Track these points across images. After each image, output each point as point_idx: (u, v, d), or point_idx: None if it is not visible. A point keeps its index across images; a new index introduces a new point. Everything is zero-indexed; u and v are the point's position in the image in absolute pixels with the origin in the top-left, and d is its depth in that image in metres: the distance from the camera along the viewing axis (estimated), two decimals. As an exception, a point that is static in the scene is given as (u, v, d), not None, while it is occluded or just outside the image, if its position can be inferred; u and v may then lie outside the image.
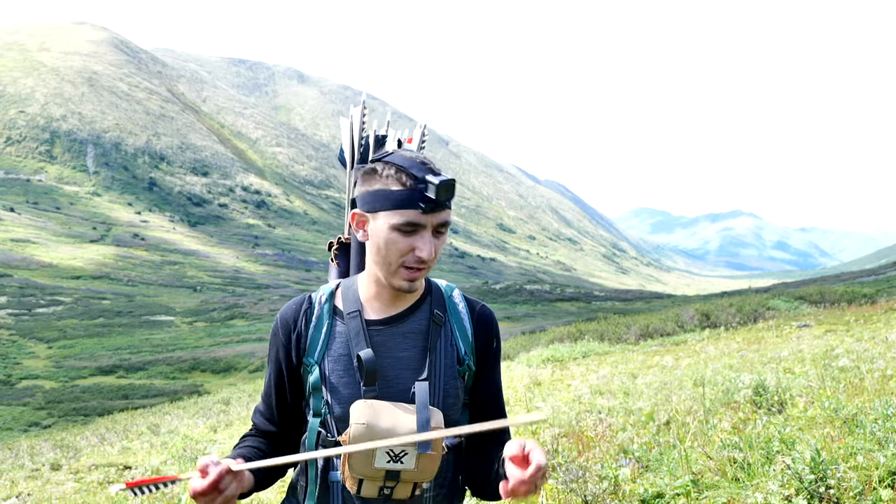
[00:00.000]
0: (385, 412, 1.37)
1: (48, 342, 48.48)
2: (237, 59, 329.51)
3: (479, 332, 1.55)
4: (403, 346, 1.47)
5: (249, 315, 62.48)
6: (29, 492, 9.14)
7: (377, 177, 1.40)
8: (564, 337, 20.73)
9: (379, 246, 1.41)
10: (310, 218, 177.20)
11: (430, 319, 1.50)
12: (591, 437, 4.99)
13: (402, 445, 1.35)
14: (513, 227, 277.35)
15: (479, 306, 1.58)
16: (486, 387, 1.57)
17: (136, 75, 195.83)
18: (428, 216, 1.37)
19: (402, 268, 1.41)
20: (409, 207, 1.36)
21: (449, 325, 1.52)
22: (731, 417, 5.12)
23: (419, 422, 1.37)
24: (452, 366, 1.49)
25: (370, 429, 1.35)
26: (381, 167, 1.40)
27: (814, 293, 22.29)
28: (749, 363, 8.06)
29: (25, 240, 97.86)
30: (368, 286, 1.51)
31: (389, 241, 1.39)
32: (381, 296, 1.49)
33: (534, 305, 71.74)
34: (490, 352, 1.57)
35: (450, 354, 1.49)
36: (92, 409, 29.13)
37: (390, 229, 1.38)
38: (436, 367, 1.47)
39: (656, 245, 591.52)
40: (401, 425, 1.36)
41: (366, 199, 1.42)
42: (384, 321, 1.49)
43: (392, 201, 1.37)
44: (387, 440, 1.29)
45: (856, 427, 3.80)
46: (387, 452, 1.35)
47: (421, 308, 1.51)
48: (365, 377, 1.40)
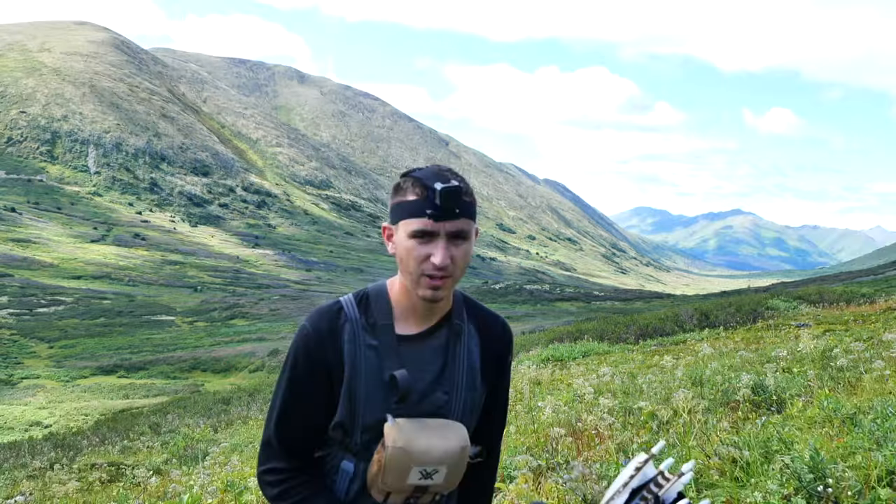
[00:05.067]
0: (418, 434, 1.40)
1: (49, 342, 48.47)
2: (237, 60, 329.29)
3: (489, 348, 1.58)
4: (431, 361, 1.49)
5: (250, 315, 62.49)
6: (31, 491, 9.15)
7: (401, 190, 1.45)
8: (564, 336, 20.74)
9: (401, 256, 1.43)
10: (310, 218, 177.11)
11: (450, 332, 1.52)
12: (591, 437, 5.01)
13: (435, 465, 1.40)
14: (513, 226, 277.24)
15: (488, 318, 1.61)
16: (493, 399, 1.62)
17: (137, 76, 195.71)
18: (439, 224, 1.39)
19: (423, 276, 1.41)
20: (419, 216, 1.39)
21: (466, 336, 1.54)
22: (731, 417, 5.14)
23: (450, 440, 1.42)
24: (471, 377, 1.52)
25: (406, 452, 1.38)
26: (404, 181, 1.45)
27: (813, 293, 22.30)
28: (748, 363, 8.07)
29: (26, 240, 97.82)
30: (400, 298, 1.51)
31: (408, 250, 1.41)
32: (414, 309, 1.50)
33: (534, 305, 71.73)
34: (500, 371, 1.61)
35: (470, 366, 1.53)
36: (93, 408, 29.14)
37: (408, 237, 1.41)
38: (455, 380, 1.50)
39: (655, 245, 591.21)
40: (434, 447, 1.40)
41: (392, 211, 1.47)
42: (417, 336, 1.50)
43: (407, 211, 1.41)
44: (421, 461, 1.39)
45: (854, 426, 3.82)
46: (420, 471, 1.39)
47: (448, 322, 1.53)
48: (399, 396, 1.43)
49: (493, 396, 1.60)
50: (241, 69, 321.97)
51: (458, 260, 1.41)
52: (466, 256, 1.43)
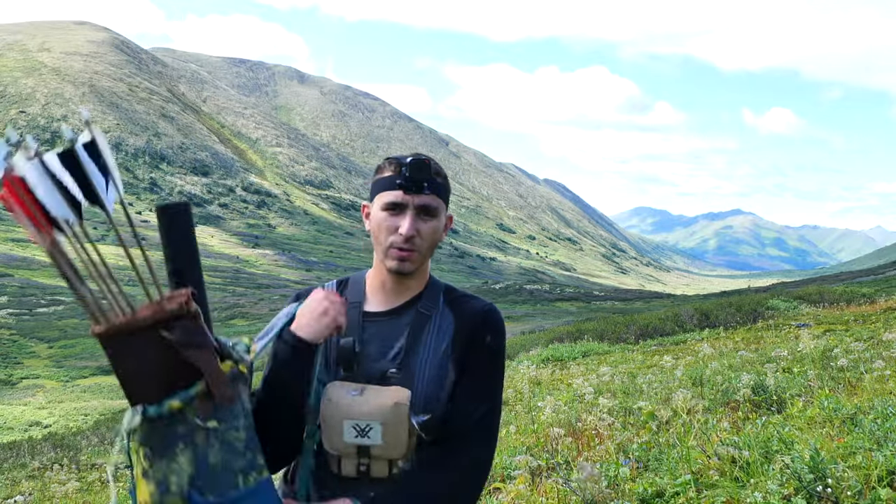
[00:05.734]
0: (352, 391, 1.45)
1: (49, 342, 48.49)
2: (237, 60, 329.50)
3: (462, 328, 1.55)
4: (394, 337, 1.53)
5: (250, 315, 62.50)
6: (30, 491, 9.16)
7: (379, 169, 1.55)
8: (564, 336, 20.76)
9: (374, 229, 1.53)
10: (310, 218, 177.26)
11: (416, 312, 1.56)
12: (591, 437, 5.01)
13: (367, 419, 1.42)
14: (512, 226, 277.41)
15: (469, 302, 1.59)
16: (461, 389, 1.51)
17: (137, 76, 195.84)
18: (409, 196, 1.48)
19: (391, 248, 1.49)
20: (391, 189, 1.49)
21: (437, 319, 1.56)
22: (731, 417, 5.15)
23: (383, 397, 1.43)
24: (437, 357, 1.52)
25: (334, 404, 1.43)
26: (383, 161, 1.55)
27: (813, 293, 22.33)
28: (748, 363, 8.08)
29: (26, 240, 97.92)
30: (374, 277, 1.59)
31: (380, 221, 1.50)
32: (384, 287, 1.57)
33: (534, 305, 71.78)
34: (474, 350, 1.53)
35: (437, 348, 1.53)
36: (92, 408, 29.15)
37: (380, 209, 1.51)
38: (419, 354, 1.51)
39: (655, 245, 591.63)
40: (365, 402, 1.43)
41: (371, 189, 1.57)
42: (383, 313, 1.56)
43: (381, 185, 1.52)
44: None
45: (854, 426, 3.82)
46: (353, 427, 1.43)
47: (419, 302, 1.57)
48: (343, 364, 1.49)
49: (460, 375, 1.52)
50: (241, 69, 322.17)
51: (425, 234, 1.49)
52: (434, 234, 1.51)
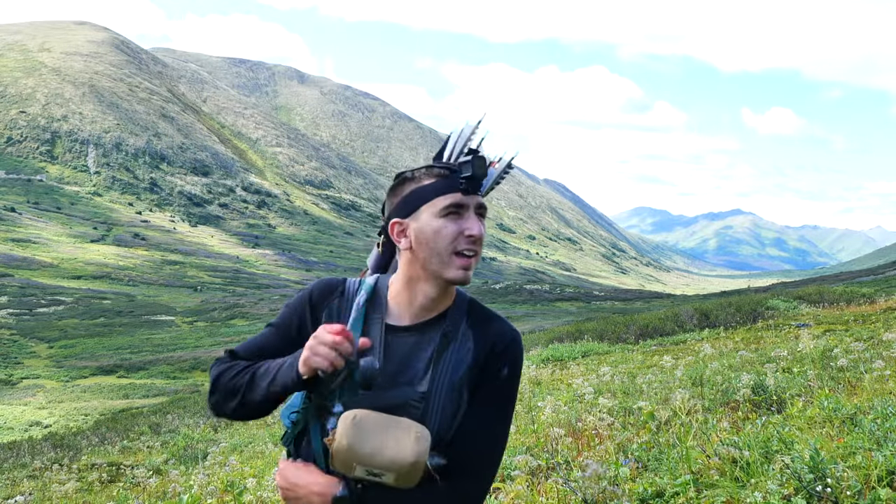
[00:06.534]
0: (370, 434, 1.33)
1: (49, 342, 48.50)
2: (237, 59, 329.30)
3: (481, 355, 1.46)
4: (416, 357, 1.45)
5: (250, 315, 62.45)
6: (30, 491, 9.15)
7: (409, 182, 1.44)
8: (564, 336, 20.75)
9: (427, 241, 1.40)
10: (310, 218, 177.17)
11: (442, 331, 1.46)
12: (590, 437, 5.01)
13: (382, 469, 1.33)
14: (512, 226, 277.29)
15: (492, 326, 1.49)
16: (469, 415, 1.44)
17: (137, 76, 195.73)
18: (468, 198, 1.40)
19: (454, 256, 1.40)
20: (450, 191, 1.40)
21: (458, 343, 1.46)
22: (731, 417, 5.15)
23: (403, 449, 1.32)
24: (454, 381, 1.43)
25: (351, 451, 1.33)
26: (411, 173, 1.45)
27: (813, 293, 22.32)
28: (748, 363, 8.08)
29: (26, 240, 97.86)
30: (401, 291, 1.48)
31: (438, 230, 1.39)
32: (415, 300, 1.46)
33: (533, 305, 71.76)
34: (489, 378, 1.45)
35: (454, 375, 1.44)
36: (92, 408, 29.15)
37: (436, 217, 1.39)
38: (438, 381, 1.42)
39: (655, 245, 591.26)
40: (382, 452, 1.32)
41: (401, 205, 1.44)
42: (407, 328, 1.47)
43: (431, 192, 1.41)
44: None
45: (854, 427, 3.82)
46: (366, 470, 1.34)
47: (444, 322, 1.47)
48: (362, 384, 1.38)
49: (471, 400, 1.44)
50: (241, 69, 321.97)
51: (484, 236, 1.41)
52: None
